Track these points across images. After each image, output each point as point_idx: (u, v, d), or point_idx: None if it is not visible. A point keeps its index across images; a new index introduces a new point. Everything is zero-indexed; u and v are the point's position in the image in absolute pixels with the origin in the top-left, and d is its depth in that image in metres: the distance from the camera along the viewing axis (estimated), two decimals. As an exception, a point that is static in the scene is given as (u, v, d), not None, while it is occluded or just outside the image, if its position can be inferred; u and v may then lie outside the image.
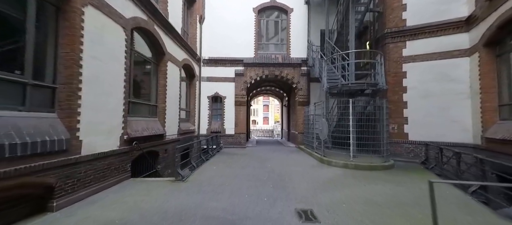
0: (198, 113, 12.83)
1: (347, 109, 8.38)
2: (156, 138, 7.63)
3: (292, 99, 15.59)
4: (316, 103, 9.49)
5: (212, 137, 11.27)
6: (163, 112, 8.33)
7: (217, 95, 13.14)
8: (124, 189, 5.18)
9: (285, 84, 15.59)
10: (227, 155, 10.04)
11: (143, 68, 7.76)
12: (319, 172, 6.86)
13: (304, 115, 12.20)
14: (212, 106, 13.24)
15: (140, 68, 7.55)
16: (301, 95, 12.81)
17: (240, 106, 13.05)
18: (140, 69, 7.58)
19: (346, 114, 8.71)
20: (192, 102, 12.36)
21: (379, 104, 7.55)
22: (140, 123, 6.83)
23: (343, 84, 7.80)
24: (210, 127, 13.03)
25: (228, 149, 12.25)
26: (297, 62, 12.85)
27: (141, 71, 7.67)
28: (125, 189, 5.18)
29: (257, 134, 36.06)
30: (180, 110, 10.40)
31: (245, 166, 7.67)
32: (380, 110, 7.44)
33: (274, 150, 12.18)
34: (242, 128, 13.00)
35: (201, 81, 13.03)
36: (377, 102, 7.68)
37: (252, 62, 12.95)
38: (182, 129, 10.22)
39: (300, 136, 12.78)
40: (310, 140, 10.65)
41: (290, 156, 10.04)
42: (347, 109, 8.34)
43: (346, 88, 7.68)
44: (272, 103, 58.23)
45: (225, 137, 12.97)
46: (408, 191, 5.12)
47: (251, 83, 13.32)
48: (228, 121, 13.04)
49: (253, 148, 12.84)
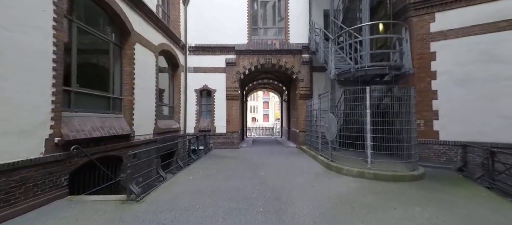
0: (184, 109, 11.13)
1: (359, 100, 6.66)
2: (118, 139, 5.95)
3: (292, 93, 13.86)
4: (322, 95, 7.77)
5: (198, 136, 9.59)
6: (130, 106, 6.64)
7: (206, 88, 11.43)
8: (45, 215, 3.52)
9: (284, 75, 13.85)
10: (214, 159, 8.37)
11: (95, 48, 6.04)
12: (328, 184, 5.16)
13: (306, 110, 10.49)
14: (200, 101, 11.53)
15: (90, 47, 5.84)
16: (303, 87, 11.08)
17: (233, 101, 11.34)
18: (91, 49, 5.87)
19: (357, 107, 7.00)
20: (176, 96, 10.67)
21: (402, 93, 5.82)
22: (89, 120, 5.14)
23: (357, 69, 6.06)
24: (198, 125, 11.34)
25: (219, 150, 10.57)
26: (297, 49, 11.09)
27: (92, 52, 5.96)
28: (46, 215, 3.52)
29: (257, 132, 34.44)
30: (158, 105, 8.71)
31: (231, 176, 5.99)
32: (405, 101, 5.71)
33: (272, 151, 10.49)
34: (235, 126, 11.31)
35: (187, 72, 11.32)
36: (399, 91, 5.94)
37: (245, 49, 11.21)
38: (161, 127, 8.54)
39: (302, 135, 11.08)
40: (314, 140, 8.96)
41: (290, 159, 8.34)
42: (359, 101, 6.63)
43: (361, 73, 5.95)
44: (272, 100, 56.51)
45: (215, 136, 11.29)
46: (467, 220, 3.42)
47: (244, 74, 11.59)
48: (218, 118, 11.35)
49: (247, 149, 11.15)
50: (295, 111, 12.92)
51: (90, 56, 5.87)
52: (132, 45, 6.77)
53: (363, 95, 6.07)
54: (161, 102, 9.74)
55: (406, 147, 5.61)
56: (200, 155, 9.02)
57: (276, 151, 10.56)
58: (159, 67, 9.08)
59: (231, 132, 11.27)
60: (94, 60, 6.08)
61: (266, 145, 12.90)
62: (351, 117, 6.47)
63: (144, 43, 7.42)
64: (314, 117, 9.11)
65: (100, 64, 6.22)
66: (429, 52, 6.73)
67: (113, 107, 6.25)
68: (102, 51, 6.18)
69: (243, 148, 11.43)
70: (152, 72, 7.98)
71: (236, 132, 11.29)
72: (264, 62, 11.22)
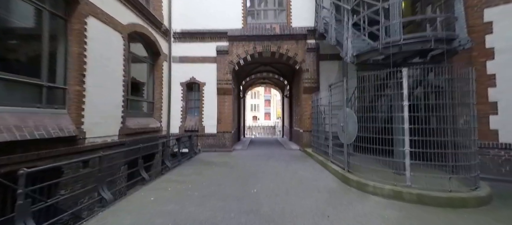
0: (167, 105, 9.46)
1: (382, 90, 4.94)
2: (55, 144, 4.29)
3: (295, 87, 12.13)
4: (333, 85, 6.04)
5: (180, 138, 7.90)
6: (77, 99, 4.96)
7: (193, 81, 9.74)
8: None
9: (285, 67, 12.11)
10: (197, 166, 6.67)
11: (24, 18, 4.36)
12: (350, 212, 3.44)
13: (311, 107, 8.75)
14: (186, 96, 9.85)
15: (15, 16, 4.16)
16: (307, 79, 9.33)
17: (225, 96, 9.63)
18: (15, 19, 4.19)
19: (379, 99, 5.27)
20: (157, 90, 8.98)
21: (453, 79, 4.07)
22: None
23: (386, 45, 4.30)
24: (184, 124, 9.66)
25: (207, 154, 8.88)
26: (301, 33, 9.34)
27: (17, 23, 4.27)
28: None
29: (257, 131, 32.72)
30: (128, 100, 7.05)
31: (211, 194, 4.29)
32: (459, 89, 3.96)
33: (270, 155, 8.77)
34: (227, 125, 9.60)
35: (171, 62, 9.63)
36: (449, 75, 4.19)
37: (239, 34, 9.49)
38: (132, 127, 6.87)
39: (306, 136, 9.34)
40: (322, 142, 7.23)
41: (293, 166, 6.62)
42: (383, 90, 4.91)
43: (393, 50, 4.18)
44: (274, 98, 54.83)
45: (204, 137, 9.59)
46: None
47: (239, 65, 9.87)
48: (208, 116, 9.65)
49: (241, 153, 9.44)
50: (298, 108, 11.18)
51: (11, 29, 4.19)
52: (82, 19, 5.08)
53: (394, 82, 4.34)
54: (136, 96, 8.08)
55: (461, 155, 3.86)
56: (182, 161, 7.34)
57: (275, 154, 8.83)
58: (132, 53, 7.41)
59: (223, 133, 9.56)
60: (19, 34, 4.39)
61: (264, 147, 11.18)
62: (370, 113, 4.75)
63: (103, 18, 5.73)
64: (322, 114, 7.38)
65: (29, 41, 4.54)
66: (482, 23, 4.94)
67: (49, 99, 4.57)
68: (34, 24, 4.50)
69: (237, 151, 9.72)
70: (117, 58, 6.29)
71: (228, 133, 9.59)
72: (262, 50, 9.49)
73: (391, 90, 4.67)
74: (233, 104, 10.62)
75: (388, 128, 4.46)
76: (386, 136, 4.36)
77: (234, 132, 11.04)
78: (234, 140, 11.48)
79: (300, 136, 10.18)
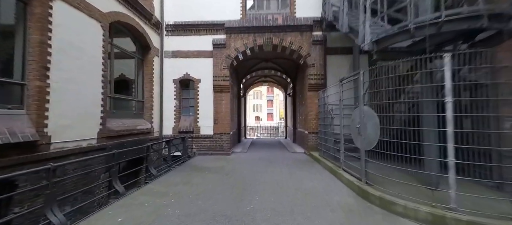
0: (159, 104, 8.64)
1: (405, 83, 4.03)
2: (5, 151, 3.48)
3: (299, 84, 11.22)
4: (345, 80, 5.14)
5: (171, 140, 7.08)
6: (39, 97, 4.14)
7: (187, 77, 8.90)
8: None
9: (288, 63, 11.21)
10: (187, 173, 5.82)
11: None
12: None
13: (318, 105, 7.85)
14: (180, 94, 9.02)
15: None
16: (313, 75, 8.42)
17: (222, 93, 8.78)
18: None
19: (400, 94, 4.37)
20: (147, 88, 8.17)
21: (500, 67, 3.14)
22: None
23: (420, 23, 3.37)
24: (177, 125, 8.83)
25: (202, 158, 8.03)
26: (306, 24, 8.44)
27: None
28: None
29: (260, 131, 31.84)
30: (110, 98, 6.26)
31: (195, 213, 3.43)
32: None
33: (272, 159, 7.89)
34: (225, 126, 8.74)
35: (163, 57, 8.81)
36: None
37: (238, 26, 8.62)
38: (115, 129, 6.06)
39: (312, 138, 8.43)
40: (330, 146, 6.32)
41: (297, 174, 5.73)
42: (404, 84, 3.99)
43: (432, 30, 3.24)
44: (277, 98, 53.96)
45: (200, 139, 8.75)
46: None
47: (237, 59, 9.01)
48: (204, 116, 8.80)
49: (240, 156, 8.57)
50: (302, 107, 10.28)
51: None
52: (47, 1, 4.27)
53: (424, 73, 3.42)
54: (123, 94, 7.28)
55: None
56: (172, 167, 6.50)
57: (278, 159, 7.94)
58: (116, 46, 6.60)
59: (220, 134, 8.70)
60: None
61: (266, 150, 10.29)
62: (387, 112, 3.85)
63: (75, 3, 4.91)
64: (331, 114, 6.48)
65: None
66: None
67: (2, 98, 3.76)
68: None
69: (236, 154, 8.85)
70: (94, 50, 5.47)
71: (226, 134, 8.72)
72: (263, 43, 8.61)
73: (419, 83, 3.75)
74: (232, 103, 9.76)
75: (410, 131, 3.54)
76: (410, 141, 3.44)
77: (233, 133, 10.18)
78: (233, 142, 10.63)
79: (304, 138, 9.27)
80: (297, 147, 10.88)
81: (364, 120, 4.10)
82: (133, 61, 7.85)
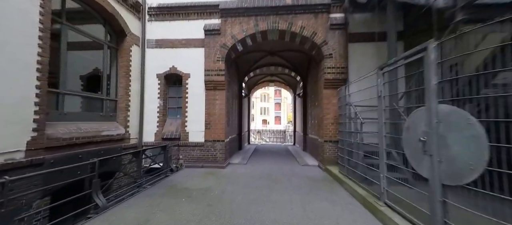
0: (139, 105, 7.02)
1: None
2: None
3: (312, 82, 9.39)
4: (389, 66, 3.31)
5: (141, 151, 5.42)
6: None
7: (174, 72, 7.26)
8: None
9: (299, 57, 9.42)
10: (155, 201, 4.09)
11: None
12: None
13: (338, 106, 6.02)
14: (165, 92, 7.37)
15: None
16: (331, 68, 6.59)
17: (215, 91, 7.07)
18: None
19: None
20: (122, 83, 6.57)
21: None
22: None
23: None
24: (162, 129, 7.18)
25: (190, 171, 6.32)
26: (322, 3, 6.65)
27: None
28: None
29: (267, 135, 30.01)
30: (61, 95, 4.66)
31: None
32: None
33: (278, 176, 6.09)
34: (219, 132, 7.01)
35: (146, 47, 7.21)
36: None
37: (235, 7, 6.92)
38: (59, 136, 4.42)
39: (329, 148, 6.57)
40: (359, 161, 4.46)
41: (314, 208, 3.90)
42: None
43: None
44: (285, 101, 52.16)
45: (188, 147, 7.06)
46: None
47: (235, 50, 7.31)
48: (193, 119, 7.12)
49: (238, 170, 6.79)
50: (315, 109, 8.45)
51: None
52: None
53: None
54: (83, 91, 5.70)
55: None
56: (142, 187, 4.82)
57: (285, 175, 6.12)
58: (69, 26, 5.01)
59: (212, 142, 6.98)
60: None
61: (271, 160, 8.47)
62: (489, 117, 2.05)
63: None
64: (357, 117, 4.65)
65: None
66: None
67: None
68: None
69: (233, 167, 7.07)
70: (20, 28, 3.84)
71: (220, 142, 6.98)
72: (267, 28, 6.87)
73: None
74: (229, 103, 8.04)
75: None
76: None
77: (230, 140, 8.45)
78: (231, 150, 8.89)
79: (319, 147, 7.41)
80: (309, 157, 9.01)
81: (440, 129, 2.26)
82: (102, 50, 6.26)
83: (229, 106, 8.01)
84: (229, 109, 8.02)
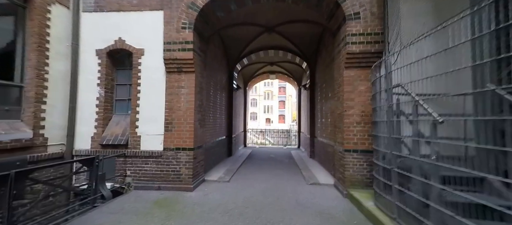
0: (67, 94, 4.73)
1: None
2: None
3: (323, 65, 6.96)
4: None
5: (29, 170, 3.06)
6: None
7: (121, 47, 4.93)
8: None
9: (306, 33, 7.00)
10: None
11: None
12: None
13: (373, 93, 3.59)
14: (109, 76, 5.05)
15: None
16: (359, 36, 4.13)
17: (181, 75, 4.71)
18: None
19: None
20: (31, 62, 4.25)
21: None
22: None
23: None
24: (102, 131, 4.86)
25: (138, 197, 3.99)
26: None
27: None
28: None
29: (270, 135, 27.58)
30: None
31: None
32: None
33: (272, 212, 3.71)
34: (186, 136, 4.64)
35: (80, 9, 4.92)
36: None
37: None
38: None
39: (355, 161, 4.11)
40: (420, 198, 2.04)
41: None
42: None
43: None
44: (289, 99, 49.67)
45: (140, 159, 4.73)
46: None
47: (211, 14, 4.92)
48: (147, 116, 4.78)
49: (211, 198, 4.42)
50: (328, 102, 6.04)
51: None
52: None
53: None
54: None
55: None
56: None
57: (284, 209, 3.72)
58: None
59: (175, 151, 4.63)
60: None
61: (266, 175, 6.06)
62: None
63: None
64: (413, 111, 2.23)
65: None
66: None
67: None
68: None
69: (206, 187, 4.70)
70: None
71: (186, 151, 4.62)
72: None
73: None
74: (209, 94, 5.69)
75: None
76: None
77: (209, 147, 6.11)
78: (215, 158, 6.55)
79: (335, 157, 4.95)
80: (318, 169, 6.59)
81: None
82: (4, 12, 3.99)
83: (206, 98, 5.65)
84: (206, 102, 5.67)
